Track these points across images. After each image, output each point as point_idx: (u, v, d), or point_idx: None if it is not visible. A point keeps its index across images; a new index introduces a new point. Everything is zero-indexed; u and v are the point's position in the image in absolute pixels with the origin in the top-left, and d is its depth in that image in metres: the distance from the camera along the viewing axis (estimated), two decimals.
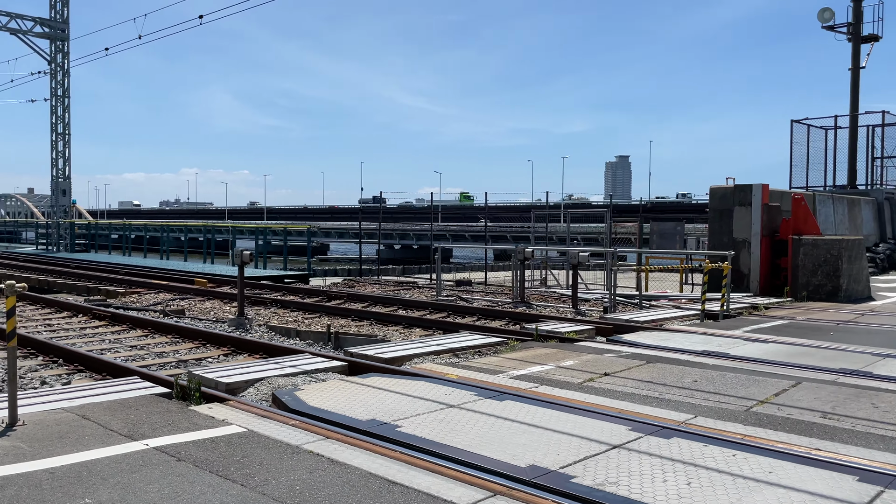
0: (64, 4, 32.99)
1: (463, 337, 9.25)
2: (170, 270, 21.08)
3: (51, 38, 32.70)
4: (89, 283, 18.53)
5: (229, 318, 11.33)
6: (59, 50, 32.93)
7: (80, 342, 9.71)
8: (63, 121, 33.13)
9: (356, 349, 8.11)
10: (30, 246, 36.45)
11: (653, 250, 18.27)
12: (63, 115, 33.04)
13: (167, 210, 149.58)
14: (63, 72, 33.02)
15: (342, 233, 62.60)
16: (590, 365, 7.52)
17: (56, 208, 33.07)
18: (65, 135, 33.12)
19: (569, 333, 9.72)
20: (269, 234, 25.65)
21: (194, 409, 5.53)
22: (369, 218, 68.48)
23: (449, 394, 6.13)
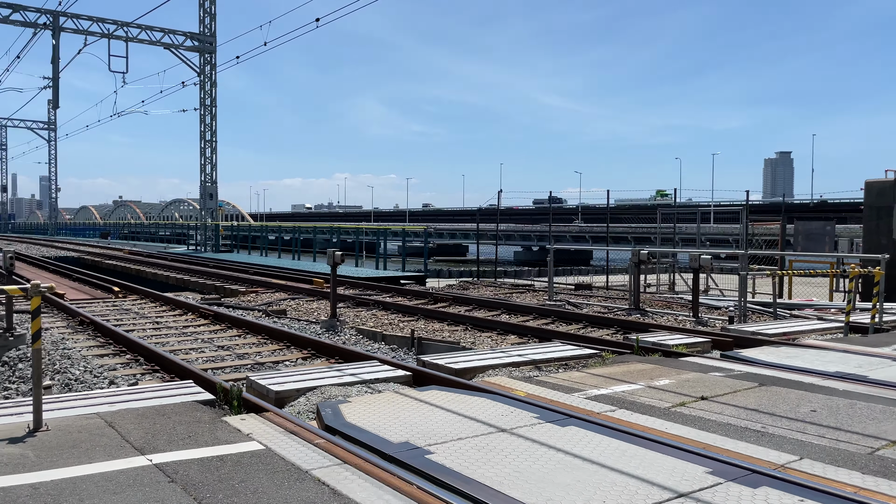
0: (212, 19, 35.03)
1: (553, 347, 8.44)
2: (295, 270, 21.57)
3: (200, 50, 34.82)
4: (217, 281, 19.27)
5: (323, 319, 11.15)
6: (207, 62, 35.00)
7: (174, 341, 9.84)
8: (211, 129, 35.17)
9: (429, 357, 7.54)
10: (184, 247, 39.02)
11: (797, 253, 16.36)
12: (210, 123, 35.08)
13: (320, 213, 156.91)
14: (211, 82, 35.06)
15: (479, 234, 62.31)
16: (687, 386, 6.50)
17: (204, 211, 35.17)
18: (212, 142, 35.16)
19: (676, 347, 8.63)
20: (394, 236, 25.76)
21: (226, 420, 5.18)
22: (508, 219, 68.07)
23: (506, 415, 5.40)
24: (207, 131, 35.11)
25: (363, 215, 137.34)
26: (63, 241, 52.52)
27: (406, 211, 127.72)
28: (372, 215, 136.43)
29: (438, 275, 25.25)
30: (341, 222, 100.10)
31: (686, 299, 14.94)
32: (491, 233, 63.76)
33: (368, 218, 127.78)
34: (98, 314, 12.16)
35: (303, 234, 30.39)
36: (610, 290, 17.91)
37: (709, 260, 11.99)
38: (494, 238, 24.06)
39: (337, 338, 10.19)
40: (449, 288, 18.89)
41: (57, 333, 10.24)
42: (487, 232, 61.87)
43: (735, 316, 11.56)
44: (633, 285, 13.02)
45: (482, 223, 71.13)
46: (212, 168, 35.19)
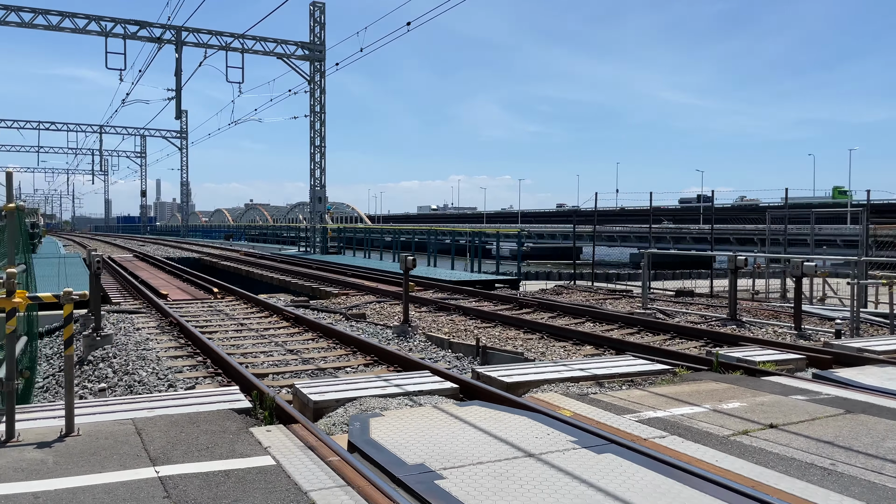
0: (321, 28, 36.09)
1: (622, 361, 7.90)
2: (390, 273, 21.74)
3: (310, 59, 35.95)
4: (314, 283, 19.72)
5: (395, 324, 11.05)
6: (316, 70, 36.09)
7: (249, 343, 10.03)
8: (320, 134, 36.24)
9: (484, 369, 7.23)
10: (296, 248, 40.41)
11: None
12: (320, 129, 36.15)
13: (434, 214, 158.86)
14: (320, 90, 36.13)
15: (574, 235, 60.55)
16: (759, 410, 5.85)
17: (313, 214, 36.30)
18: (321, 147, 36.22)
19: (762, 364, 7.86)
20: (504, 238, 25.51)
21: (251, 431, 5.11)
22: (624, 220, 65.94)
23: (541, 437, 5.03)
24: (317, 137, 36.19)
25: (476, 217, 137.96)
26: (191, 242, 55.82)
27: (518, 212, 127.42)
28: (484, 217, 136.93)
29: (536, 277, 24.77)
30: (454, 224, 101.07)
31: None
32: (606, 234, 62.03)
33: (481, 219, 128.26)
34: (189, 315, 12.65)
35: (404, 236, 30.71)
36: (714, 298, 16.85)
37: (813, 267, 10.93)
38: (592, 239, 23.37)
39: (405, 344, 10.06)
40: (542, 292, 18.42)
41: (145, 334, 10.71)
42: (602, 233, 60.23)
43: (844, 329, 10.48)
44: (731, 293, 12.09)
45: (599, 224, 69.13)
46: (321, 172, 36.24)
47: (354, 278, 20.80)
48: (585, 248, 69.44)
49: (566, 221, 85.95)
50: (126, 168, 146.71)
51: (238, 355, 9.15)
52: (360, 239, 35.16)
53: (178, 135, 74.09)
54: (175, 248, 44.73)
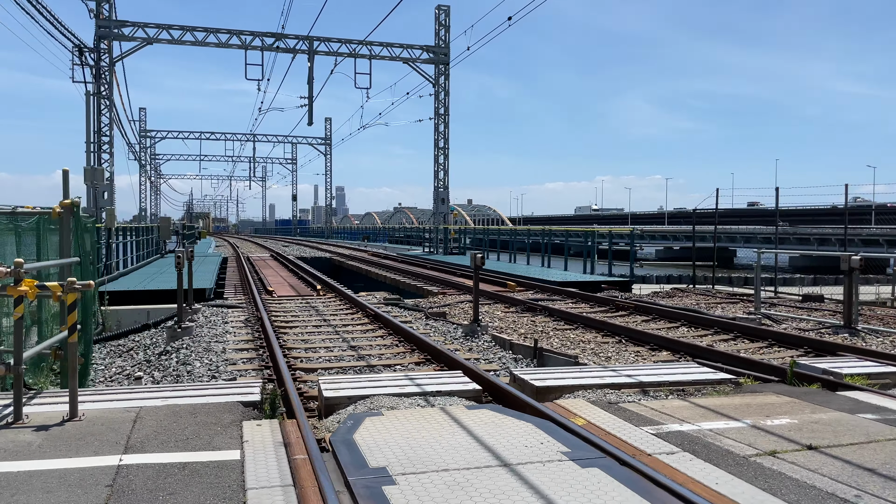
0: (446, 31, 36.43)
1: (681, 369, 7.20)
2: (500, 273, 21.45)
3: (434, 62, 36.38)
4: (419, 282, 19.85)
5: (464, 324, 10.78)
6: (441, 73, 36.47)
7: (318, 339, 10.15)
8: (444, 136, 36.59)
9: (520, 372, 6.83)
10: (420, 249, 41.01)
11: None
12: (444, 131, 36.50)
13: (578, 216, 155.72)
14: (444, 92, 36.47)
15: (748, 237, 56.46)
16: (808, 428, 5.07)
17: (436, 215, 36.68)
18: (445, 149, 36.55)
19: (850, 377, 6.89)
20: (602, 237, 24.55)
21: (242, 425, 5.08)
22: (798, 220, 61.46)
23: (532, 446, 4.62)
24: (441, 139, 36.56)
25: (621, 218, 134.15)
26: (330, 243, 58.27)
27: (664, 213, 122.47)
28: (629, 218, 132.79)
29: (655, 280, 23.55)
30: (597, 225, 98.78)
31: None
32: (762, 235, 57.81)
33: (626, 220, 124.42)
34: (279, 311, 13.07)
35: (519, 237, 30.23)
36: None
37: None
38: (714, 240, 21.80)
39: (469, 344, 9.78)
40: (653, 295, 17.42)
41: (229, 327, 11.15)
42: (757, 234, 56.26)
43: None
44: (846, 298, 10.77)
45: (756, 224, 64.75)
46: (444, 174, 36.58)
47: (462, 278, 20.73)
48: (740, 251, 65.23)
49: (721, 222, 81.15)
50: (281, 174, 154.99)
51: (301, 350, 9.29)
52: (480, 240, 35.09)
53: (322, 141, 77.74)
54: (313, 248, 46.84)
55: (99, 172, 14.27)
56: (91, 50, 31.98)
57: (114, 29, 32.22)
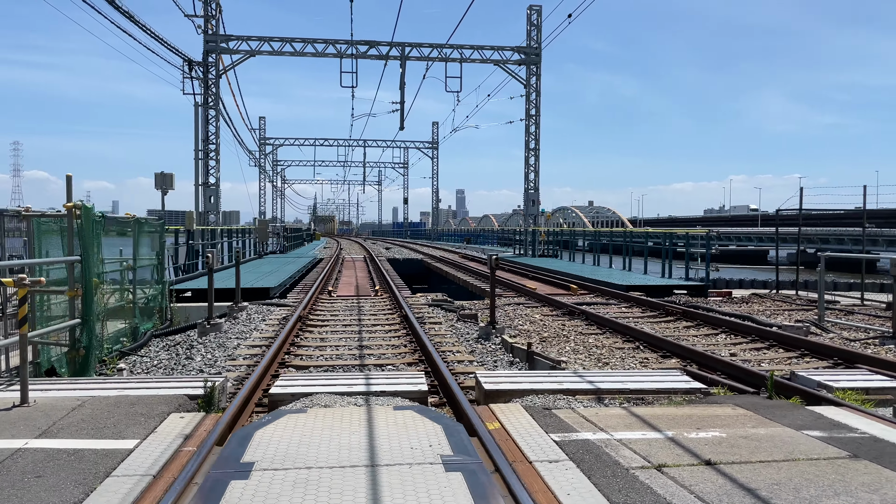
0: (538, 32, 36.13)
1: (660, 377, 6.86)
2: (574, 276, 21.04)
3: (526, 63, 36.15)
4: (483, 283, 19.81)
5: (480, 326, 10.68)
6: (532, 73, 36.18)
7: (338, 338, 10.39)
8: (535, 137, 36.29)
9: (484, 375, 6.74)
10: (511, 251, 40.76)
11: None
12: (535, 132, 36.20)
13: (706, 217, 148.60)
14: (536, 92, 36.17)
15: (777, 238, 52.31)
16: (728, 444, 4.72)
17: (526, 216, 36.41)
18: (535, 150, 36.24)
19: (840, 391, 6.33)
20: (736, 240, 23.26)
21: (168, 416, 5.35)
22: None
23: (416, 448, 4.59)
24: (531, 140, 36.28)
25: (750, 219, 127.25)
26: (435, 245, 59.04)
27: (799, 213, 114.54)
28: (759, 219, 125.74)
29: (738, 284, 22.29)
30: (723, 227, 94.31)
31: None
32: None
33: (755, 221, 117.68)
34: (320, 311, 13.47)
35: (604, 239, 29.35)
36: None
37: None
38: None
39: (480, 346, 9.70)
40: (724, 300, 16.51)
41: (263, 325, 11.62)
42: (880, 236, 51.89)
43: None
44: (894, 306, 9.80)
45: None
46: (535, 175, 36.27)
47: (532, 281, 20.56)
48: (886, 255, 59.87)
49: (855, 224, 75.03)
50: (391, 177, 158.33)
51: (311, 348, 9.57)
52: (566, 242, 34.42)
53: (429, 145, 79.01)
54: (412, 250, 47.60)
55: (168, 178, 15.25)
56: (199, 64, 34.17)
57: (220, 43, 34.24)
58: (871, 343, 9.77)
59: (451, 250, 44.68)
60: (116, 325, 13.12)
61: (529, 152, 36.23)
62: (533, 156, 36.24)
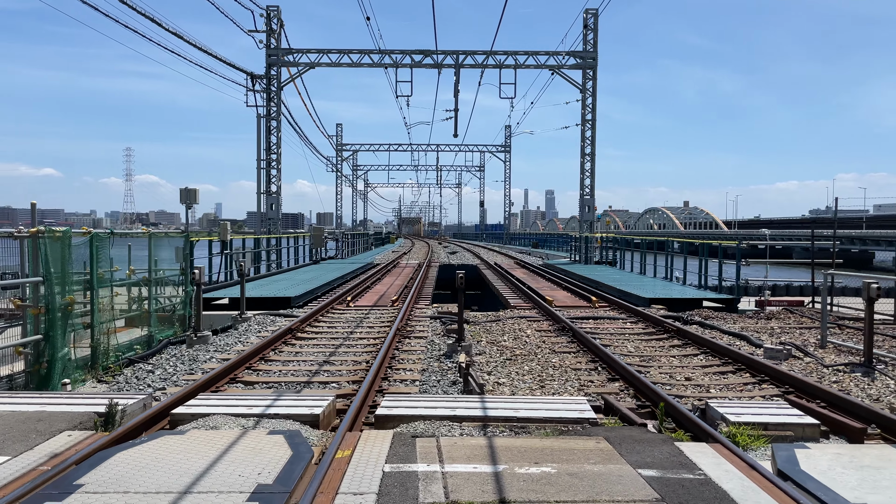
0: (594, 35, 35.67)
1: (558, 405, 6.87)
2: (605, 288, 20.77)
3: (582, 67, 35.77)
4: (512, 294, 19.85)
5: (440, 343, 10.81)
6: (588, 78, 35.76)
7: (312, 351, 10.79)
8: (592, 142, 35.83)
9: (387, 399, 6.94)
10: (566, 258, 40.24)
11: None
12: (591, 136, 35.75)
13: (812, 219, 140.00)
14: (592, 97, 35.73)
15: (813, 246, 48.46)
16: (548, 481, 4.77)
17: (582, 222, 35.99)
18: (592, 155, 35.77)
19: (735, 426, 6.19)
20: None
21: (58, 435, 5.85)
22: None
23: (244, 476, 4.87)
24: (588, 145, 35.84)
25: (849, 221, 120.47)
26: (501, 249, 59.04)
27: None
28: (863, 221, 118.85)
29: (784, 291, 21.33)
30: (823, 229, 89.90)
31: None
32: None
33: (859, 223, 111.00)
34: (325, 321, 13.93)
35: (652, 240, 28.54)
36: None
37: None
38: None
39: (437, 365, 9.86)
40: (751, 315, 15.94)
41: (253, 338, 12.17)
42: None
43: None
44: (866, 330, 9.29)
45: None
46: (591, 180, 35.82)
47: (563, 291, 20.51)
48: None
49: None
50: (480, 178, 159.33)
51: (278, 363, 10.00)
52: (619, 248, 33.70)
53: (502, 149, 79.05)
54: (473, 254, 47.75)
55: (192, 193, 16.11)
56: (261, 77, 35.63)
57: (282, 56, 35.56)
58: (843, 369, 9.32)
59: (511, 256, 44.62)
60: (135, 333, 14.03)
61: (585, 157, 35.80)
62: (589, 161, 35.79)
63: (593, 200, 35.89)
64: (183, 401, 7.00)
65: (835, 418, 6.53)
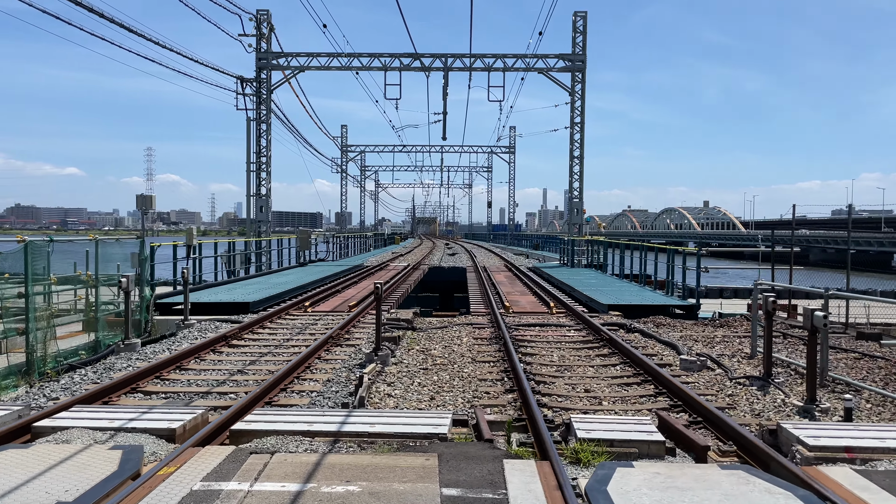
0: (583, 38, 35.57)
1: (421, 420, 6.93)
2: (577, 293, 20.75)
3: (570, 70, 35.67)
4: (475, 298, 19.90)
5: (365, 352, 10.86)
6: (577, 80, 35.66)
7: (232, 360, 10.90)
8: (581, 145, 35.74)
9: (257, 413, 7.03)
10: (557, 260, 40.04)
11: None
12: (580, 139, 35.65)
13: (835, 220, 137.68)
14: (581, 99, 35.63)
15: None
16: (345, 499, 4.84)
17: (571, 225, 35.90)
18: (581, 157, 35.69)
19: (580, 443, 6.21)
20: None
21: None
22: None
23: (34, 493, 4.99)
24: (576, 148, 35.75)
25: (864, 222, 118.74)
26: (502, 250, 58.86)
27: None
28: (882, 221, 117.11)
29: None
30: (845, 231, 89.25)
31: None
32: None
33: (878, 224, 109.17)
34: (267, 327, 14.04)
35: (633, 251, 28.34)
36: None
37: (820, 319, 7.76)
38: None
39: (346, 375, 9.93)
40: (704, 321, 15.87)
41: (183, 344, 12.31)
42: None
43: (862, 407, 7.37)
44: (766, 343, 9.22)
45: None
46: (579, 183, 35.74)
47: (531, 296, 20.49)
48: None
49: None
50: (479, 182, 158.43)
51: (193, 371, 10.13)
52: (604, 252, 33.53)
53: (507, 150, 78.98)
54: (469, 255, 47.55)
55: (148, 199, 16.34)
56: (250, 81, 35.90)
57: (272, 60, 35.82)
58: (744, 382, 9.27)
59: (506, 258, 44.50)
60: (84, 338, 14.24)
61: (574, 160, 35.72)
62: (577, 163, 35.69)
63: (582, 203, 35.80)
64: (54, 413, 7.14)
65: (686, 435, 6.52)
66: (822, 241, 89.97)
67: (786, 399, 8.18)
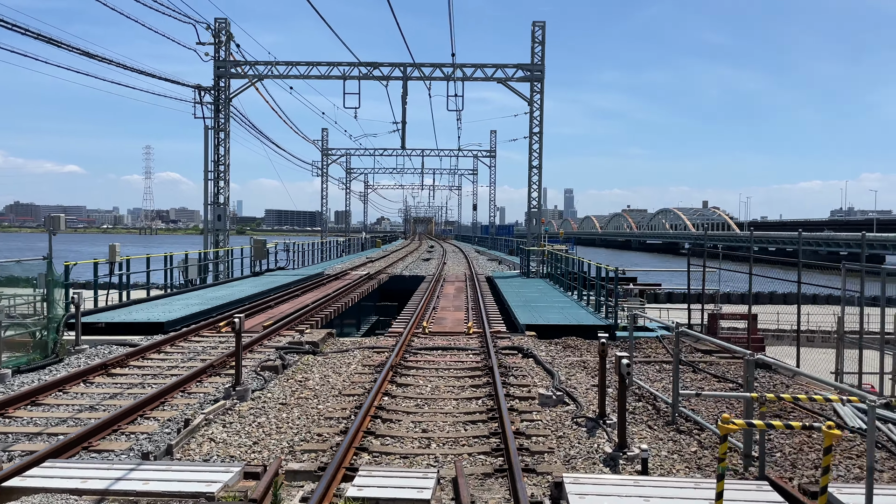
0: (542, 47, 35.51)
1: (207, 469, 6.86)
2: (508, 313, 20.69)
3: (529, 80, 35.62)
4: (398, 314, 19.83)
5: (225, 388, 10.77)
6: (535, 90, 35.61)
7: (97, 393, 10.83)
8: (539, 155, 35.69)
9: (42, 468, 6.96)
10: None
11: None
12: (538, 148, 35.60)
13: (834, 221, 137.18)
14: (539, 109, 35.59)
15: None
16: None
17: (529, 235, 35.84)
18: (539, 167, 35.62)
19: (353, 502, 6.15)
20: None
21: None
22: None
23: None
24: (535, 158, 35.70)
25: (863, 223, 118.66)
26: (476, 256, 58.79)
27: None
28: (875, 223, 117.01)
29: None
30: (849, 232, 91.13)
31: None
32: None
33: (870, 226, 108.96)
34: (154, 352, 13.97)
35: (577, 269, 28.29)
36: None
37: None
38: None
39: (194, 413, 9.86)
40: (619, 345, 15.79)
41: (62, 371, 12.24)
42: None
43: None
44: (600, 383, 9.14)
45: None
46: (538, 193, 35.71)
47: (463, 314, 20.43)
48: None
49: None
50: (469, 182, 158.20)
51: (43, 407, 10.06)
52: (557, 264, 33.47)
53: (487, 154, 78.95)
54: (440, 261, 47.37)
55: (56, 220, 16.28)
56: (208, 89, 35.84)
57: (230, 69, 35.78)
58: (581, 423, 9.20)
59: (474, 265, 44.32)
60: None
61: (532, 170, 35.67)
62: (535, 173, 35.65)
63: (540, 213, 35.75)
64: None
65: (462, 495, 6.46)
66: (778, 242, 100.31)
67: (604, 444, 8.12)
